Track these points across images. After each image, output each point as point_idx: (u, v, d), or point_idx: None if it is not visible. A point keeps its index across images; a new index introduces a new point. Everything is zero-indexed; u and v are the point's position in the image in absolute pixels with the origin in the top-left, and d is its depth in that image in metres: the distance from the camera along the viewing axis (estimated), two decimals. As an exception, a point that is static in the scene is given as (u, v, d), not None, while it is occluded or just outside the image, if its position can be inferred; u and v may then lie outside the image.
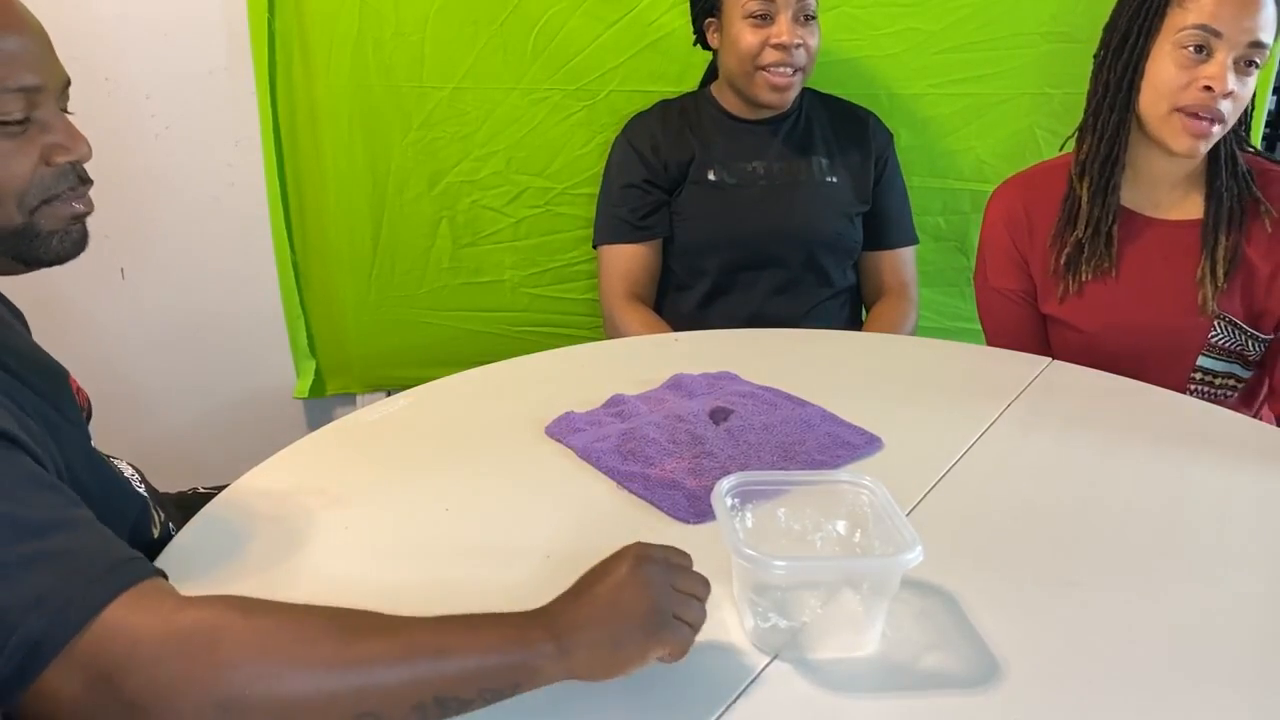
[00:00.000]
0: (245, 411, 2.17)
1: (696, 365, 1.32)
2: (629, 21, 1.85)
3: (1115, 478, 1.10)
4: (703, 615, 0.77)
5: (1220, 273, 1.36)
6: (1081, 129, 1.42)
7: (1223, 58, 1.27)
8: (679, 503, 1.02)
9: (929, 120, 1.91)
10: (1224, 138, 1.35)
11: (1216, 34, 1.27)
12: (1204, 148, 1.32)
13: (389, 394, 2.07)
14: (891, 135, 1.82)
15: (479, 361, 1.37)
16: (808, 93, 1.79)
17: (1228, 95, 1.28)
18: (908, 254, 1.83)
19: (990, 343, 1.54)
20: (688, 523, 1.00)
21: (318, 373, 2.14)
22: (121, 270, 2.03)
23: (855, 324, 1.84)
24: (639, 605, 0.74)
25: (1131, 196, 1.42)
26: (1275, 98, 1.51)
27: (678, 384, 1.27)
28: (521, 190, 1.97)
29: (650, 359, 1.38)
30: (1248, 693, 0.79)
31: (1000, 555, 0.96)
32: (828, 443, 1.12)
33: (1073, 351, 1.43)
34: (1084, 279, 1.41)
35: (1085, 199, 1.40)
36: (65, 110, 0.88)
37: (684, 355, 1.36)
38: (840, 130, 1.79)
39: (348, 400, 2.19)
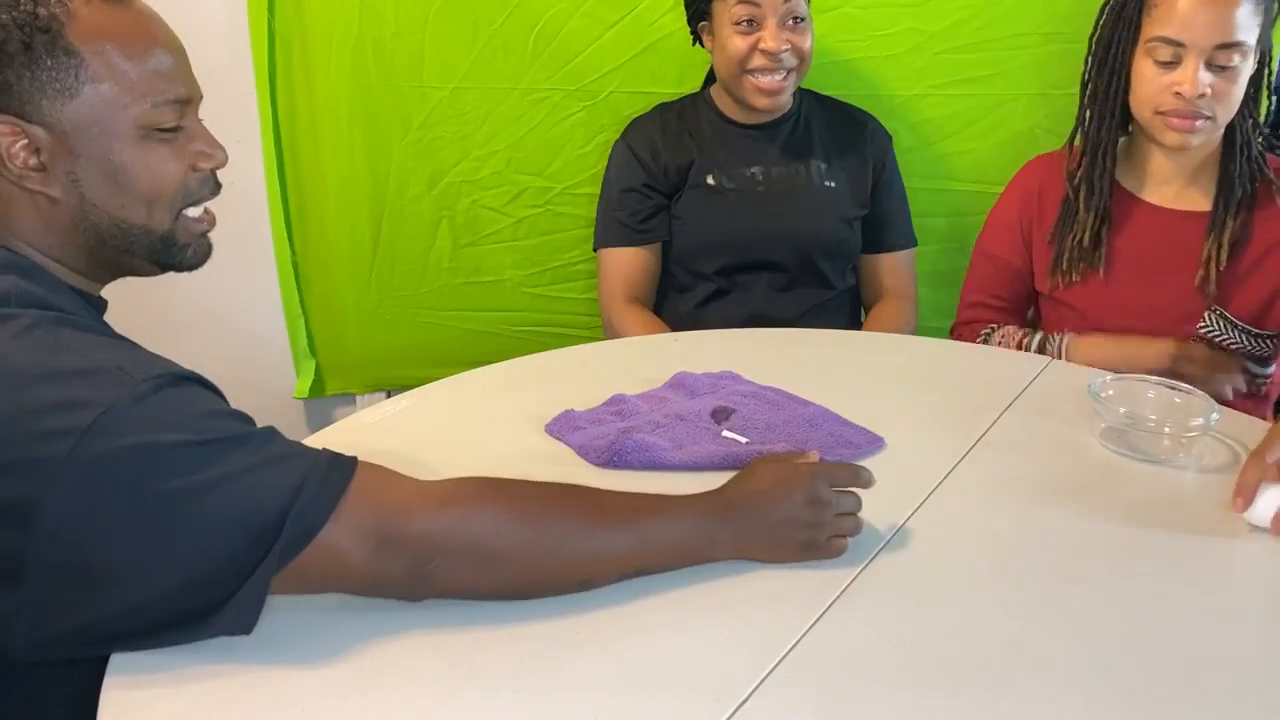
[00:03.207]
0: (245, 411, 2.16)
1: (697, 365, 1.31)
2: (629, 22, 1.85)
3: (1115, 477, 1.10)
4: (858, 527, 0.92)
5: (1223, 256, 1.38)
6: (1073, 136, 1.46)
7: (1191, 64, 1.31)
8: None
9: (930, 121, 1.91)
10: (1237, 125, 1.38)
11: (1180, 44, 1.31)
12: (1195, 140, 1.36)
13: (389, 394, 2.07)
14: (890, 138, 1.82)
15: (479, 361, 1.37)
16: (806, 96, 1.78)
17: (1202, 95, 1.31)
18: (907, 257, 1.83)
19: (962, 295, 1.59)
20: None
21: (318, 373, 2.13)
22: (121, 270, 2.02)
23: (854, 326, 1.84)
24: (800, 531, 0.89)
25: (1134, 181, 1.45)
26: (1276, 98, 1.51)
27: (680, 383, 1.27)
28: (521, 190, 1.97)
29: (651, 359, 1.37)
30: (1248, 691, 0.79)
31: (1002, 554, 0.96)
32: (831, 442, 1.12)
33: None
34: (1074, 278, 1.45)
35: (1081, 206, 1.43)
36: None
37: (685, 355, 1.36)
38: (839, 134, 1.79)
39: (348, 400, 2.18)
